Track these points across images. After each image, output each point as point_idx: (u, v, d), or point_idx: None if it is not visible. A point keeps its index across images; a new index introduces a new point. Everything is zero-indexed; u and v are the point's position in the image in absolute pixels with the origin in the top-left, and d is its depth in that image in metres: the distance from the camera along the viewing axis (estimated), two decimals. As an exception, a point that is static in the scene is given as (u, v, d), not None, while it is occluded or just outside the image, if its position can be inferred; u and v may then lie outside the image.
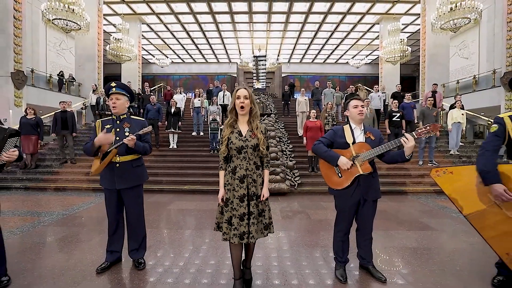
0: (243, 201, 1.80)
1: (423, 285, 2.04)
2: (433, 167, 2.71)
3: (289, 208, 4.33)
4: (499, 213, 1.90)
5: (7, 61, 8.97)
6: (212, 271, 2.23)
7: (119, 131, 2.15)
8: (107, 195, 2.20)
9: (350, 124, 2.15)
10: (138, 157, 2.23)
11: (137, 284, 2.04)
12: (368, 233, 2.13)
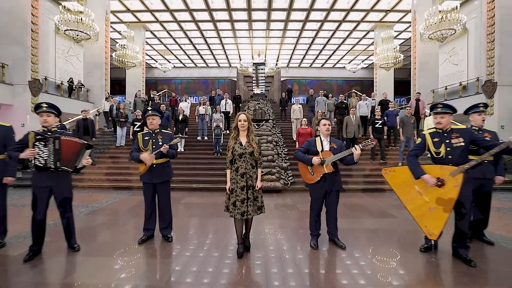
0: (243, 190, 2.69)
1: (373, 251, 2.93)
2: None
3: (282, 203, 5.22)
4: (421, 198, 2.79)
5: (25, 70, 9.89)
6: (220, 242, 3.12)
7: (154, 141, 3.05)
8: (145, 187, 3.10)
9: (320, 137, 3.05)
10: (167, 160, 3.13)
11: (168, 251, 2.93)
12: (334, 214, 3.03)
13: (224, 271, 2.45)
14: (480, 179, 3.07)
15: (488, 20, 9.99)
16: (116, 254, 2.83)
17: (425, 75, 13.56)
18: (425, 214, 2.75)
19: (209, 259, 2.72)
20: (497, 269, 2.60)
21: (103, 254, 2.85)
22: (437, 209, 2.67)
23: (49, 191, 2.71)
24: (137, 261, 2.69)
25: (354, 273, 2.45)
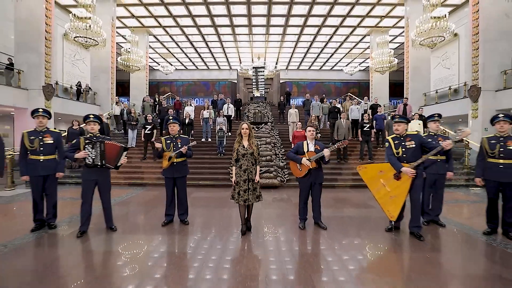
0: (246, 182, 3.51)
1: (349, 231, 3.76)
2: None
3: (279, 197, 6.05)
4: (384, 189, 3.63)
5: (39, 76, 10.72)
6: (226, 226, 3.94)
7: (175, 144, 3.89)
8: (167, 181, 3.94)
9: (307, 140, 3.89)
10: (185, 159, 3.97)
11: (185, 232, 3.75)
12: (317, 202, 3.86)
13: (230, 247, 3.27)
14: (434, 174, 3.92)
15: (473, 29, 10.84)
16: (145, 233, 3.67)
17: (417, 79, 14.41)
18: (388, 201, 3.60)
19: (218, 237, 3.55)
20: (441, 242, 3.44)
21: (135, 233, 3.69)
22: (396, 196, 3.52)
23: (95, 183, 3.55)
24: (161, 238, 3.52)
25: (333, 246, 3.29)
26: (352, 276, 2.57)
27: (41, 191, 3.67)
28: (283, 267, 2.72)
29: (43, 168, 3.62)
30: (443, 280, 2.50)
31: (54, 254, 3.04)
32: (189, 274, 2.57)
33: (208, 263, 2.79)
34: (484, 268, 2.77)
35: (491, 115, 10.41)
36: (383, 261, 2.96)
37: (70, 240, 3.41)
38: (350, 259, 2.92)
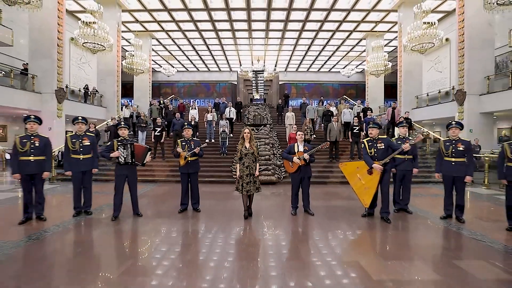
0: (248, 176, 4.42)
1: (332, 217, 4.67)
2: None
3: (276, 192, 6.97)
4: (360, 182, 4.55)
5: (52, 81, 11.61)
6: (231, 213, 4.85)
7: (189, 146, 4.80)
8: (182, 176, 4.84)
9: (298, 143, 4.80)
10: (197, 158, 4.88)
11: (198, 218, 4.65)
12: (306, 193, 4.78)
13: (235, 228, 4.17)
14: (403, 171, 4.84)
15: (459, 37, 11.78)
16: (165, 218, 4.58)
17: (410, 82, 15.35)
18: (363, 192, 4.52)
19: (224, 220, 4.46)
20: (405, 224, 4.35)
21: (157, 218, 4.60)
22: (369, 188, 4.44)
23: (125, 177, 4.46)
24: (179, 222, 4.43)
25: (317, 226, 4.20)
26: (331, 246, 3.48)
27: (80, 184, 4.59)
28: (277, 240, 3.64)
29: (83, 165, 4.53)
30: (399, 249, 3.42)
31: (95, 232, 3.94)
32: (203, 247, 3.48)
33: (217, 239, 3.70)
34: (433, 242, 3.68)
35: (476, 118, 11.38)
36: (357, 238, 3.87)
37: (106, 222, 4.32)
38: (331, 235, 3.84)
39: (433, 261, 3.05)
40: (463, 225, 4.22)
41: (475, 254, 3.25)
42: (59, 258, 3.13)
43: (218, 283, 2.48)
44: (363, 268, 2.81)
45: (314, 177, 8.04)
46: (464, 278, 2.63)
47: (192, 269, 2.78)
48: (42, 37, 11.52)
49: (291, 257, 3.14)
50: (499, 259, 3.08)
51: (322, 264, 2.92)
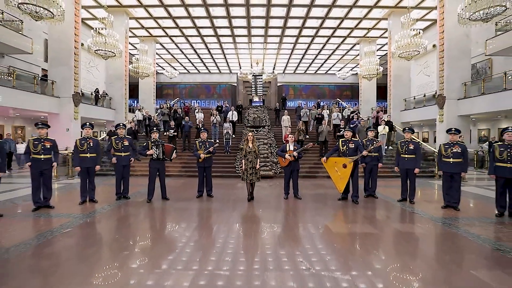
0: (251, 169, 6.00)
1: (316, 200, 6.25)
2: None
3: (273, 184, 8.54)
4: (337, 173, 6.15)
5: (70, 86, 13.11)
6: (236, 199, 6.42)
7: (204, 146, 6.37)
8: (199, 169, 6.42)
9: (289, 143, 6.39)
10: (211, 155, 6.46)
11: (211, 201, 6.22)
12: (296, 182, 6.37)
13: (240, 208, 5.73)
14: (370, 165, 6.43)
15: (440, 46, 13.40)
16: (186, 201, 6.15)
17: (398, 86, 16.98)
18: (338, 180, 6.11)
19: (232, 204, 6.03)
20: (369, 205, 5.93)
21: (181, 201, 6.17)
22: (343, 178, 6.03)
23: (157, 170, 6.03)
24: (198, 204, 6.00)
25: (303, 207, 5.78)
26: (311, 218, 5.06)
27: (121, 175, 6.15)
28: (272, 214, 5.22)
29: (124, 160, 6.10)
30: (360, 219, 5.01)
31: (136, 211, 5.48)
32: (218, 218, 5.06)
33: (227, 216, 5.26)
34: (383, 214, 5.26)
35: (454, 120, 13.09)
36: (331, 213, 5.45)
37: (142, 204, 5.89)
38: (313, 212, 5.42)
39: (379, 225, 4.65)
40: (413, 206, 5.82)
41: (410, 220, 4.85)
42: (119, 223, 4.70)
43: (231, 238, 4.06)
44: (330, 228, 4.41)
45: (305, 172, 9.69)
46: (391, 231, 4.24)
47: (211, 231, 4.36)
48: (61, 47, 13.03)
49: (281, 225, 4.73)
50: (424, 223, 4.67)
51: (303, 228, 4.52)
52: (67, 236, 3.96)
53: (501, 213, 4.97)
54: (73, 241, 3.81)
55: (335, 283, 2.62)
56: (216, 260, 3.14)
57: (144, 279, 2.72)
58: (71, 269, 2.93)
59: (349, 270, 2.92)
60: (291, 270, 2.91)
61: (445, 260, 3.24)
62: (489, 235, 4.02)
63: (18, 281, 2.67)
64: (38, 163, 5.25)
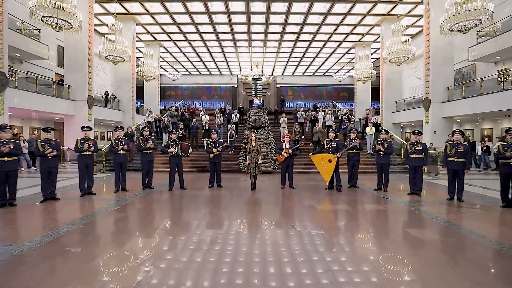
0: (254, 164, 7.53)
1: (307, 190, 7.79)
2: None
3: (272, 178, 10.08)
4: (324, 167, 7.71)
5: (84, 90, 14.63)
6: (242, 188, 7.95)
7: (215, 145, 7.91)
8: (211, 164, 7.96)
9: (285, 142, 7.94)
10: (220, 153, 8.00)
11: (220, 191, 7.75)
12: (290, 175, 7.92)
13: (245, 195, 7.26)
14: (353, 161, 7.98)
15: (426, 54, 14.96)
16: (201, 191, 7.68)
17: (390, 89, 18.55)
18: (325, 173, 7.67)
19: (239, 192, 7.57)
20: (350, 192, 7.46)
21: (196, 190, 7.70)
22: (328, 171, 7.58)
23: (176, 164, 7.56)
24: (210, 192, 7.53)
25: (296, 194, 7.31)
26: (303, 201, 6.59)
27: (147, 169, 7.67)
28: (271, 198, 6.76)
29: (149, 157, 7.63)
30: (339, 201, 6.56)
31: (161, 197, 7.00)
32: (229, 202, 6.60)
33: (235, 199, 6.80)
34: (357, 198, 6.80)
35: (438, 121, 14.85)
36: (318, 198, 6.99)
37: (165, 192, 7.41)
38: (303, 197, 6.96)
39: (352, 204, 6.20)
40: (386, 193, 7.35)
41: (378, 202, 6.40)
42: (153, 205, 6.24)
43: (240, 213, 5.61)
44: (315, 207, 5.95)
45: (300, 168, 11.24)
46: (361, 209, 5.80)
47: (225, 209, 5.91)
48: (76, 54, 14.55)
49: (278, 205, 6.28)
50: (388, 204, 6.22)
51: (295, 207, 6.06)
52: (118, 211, 5.50)
53: (451, 197, 6.50)
54: (121, 216, 5.34)
55: (310, 236, 4.16)
56: (230, 225, 4.69)
57: (182, 235, 4.28)
58: (131, 231, 4.48)
59: (322, 229, 4.47)
60: (283, 229, 4.45)
61: (393, 223, 4.79)
62: (433, 211, 5.56)
63: (94, 238, 4.22)
64: (85, 158, 6.78)
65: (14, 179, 5.72)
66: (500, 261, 3.36)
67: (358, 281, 2.76)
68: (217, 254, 3.36)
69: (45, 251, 3.47)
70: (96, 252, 3.47)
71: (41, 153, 6.12)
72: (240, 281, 2.73)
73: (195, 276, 2.83)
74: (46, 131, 6.53)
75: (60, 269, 3.02)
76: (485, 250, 3.65)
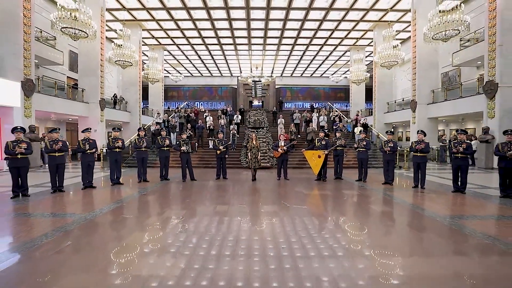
0: (254, 159, 9.22)
1: (298, 180, 9.48)
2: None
3: (270, 173, 11.78)
4: (314, 161, 9.42)
5: (96, 93, 16.30)
6: (244, 180, 9.64)
7: (221, 143, 9.61)
8: (218, 160, 9.65)
9: (281, 140, 9.64)
10: (226, 150, 9.69)
11: (225, 182, 9.45)
12: (285, 168, 9.62)
13: (247, 185, 8.94)
14: (338, 157, 9.68)
15: (413, 59, 16.66)
16: (209, 181, 9.37)
17: (382, 91, 20.26)
18: (314, 166, 9.38)
19: (241, 182, 9.25)
20: (334, 182, 9.15)
21: (204, 181, 9.39)
22: (317, 165, 9.29)
23: (186, 159, 9.26)
24: (217, 182, 9.22)
25: (290, 184, 9.00)
26: (294, 188, 8.28)
27: (164, 164, 9.35)
28: (268, 187, 8.46)
29: (166, 153, 9.32)
30: (324, 188, 8.26)
31: (178, 185, 8.68)
32: (235, 189, 8.29)
33: (239, 187, 8.49)
34: (340, 185, 8.48)
35: (424, 122, 16.79)
36: (307, 186, 8.68)
37: (179, 182, 9.10)
38: (295, 185, 8.65)
39: (334, 190, 7.89)
40: (364, 183, 9.04)
41: (355, 189, 8.09)
42: (173, 190, 7.93)
43: (244, 196, 7.31)
44: (303, 192, 7.65)
45: (295, 163, 12.93)
46: (340, 193, 7.50)
47: (230, 194, 7.61)
48: (89, 60, 16.22)
49: (274, 191, 7.98)
50: (363, 190, 7.91)
51: (287, 192, 7.76)
52: (149, 195, 7.20)
53: (416, 185, 8.18)
54: (151, 198, 7.04)
55: (295, 209, 5.85)
56: (236, 203, 6.39)
57: (203, 207, 5.98)
58: (164, 204, 6.19)
59: (305, 205, 6.16)
60: (276, 205, 6.15)
61: (362, 203, 6.50)
62: (396, 195, 7.25)
63: (136, 210, 5.93)
64: (115, 154, 8.47)
65: (62, 171, 7.38)
66: (436, 226, 5.07)
67: (327, 236, 4.46)
68: (228, 219, 5.05)
69: (106, 218, 5.16)
70: (142, 218, 5.17)
71: (81, 150, 7.79)
72: (246, 228, 4.43)
73: (217, 225, 4.52)
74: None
75: (121, 228, 4.72)
76: (423, 218, 5.36)
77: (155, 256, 3.33)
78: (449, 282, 2.77)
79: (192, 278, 2.75)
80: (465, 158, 7.32)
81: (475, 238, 3.99)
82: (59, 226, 4.39)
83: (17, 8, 11.77)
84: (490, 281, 2.86)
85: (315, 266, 3.03)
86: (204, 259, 3.18)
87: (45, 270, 2.92)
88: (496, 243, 3.76)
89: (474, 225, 4.54)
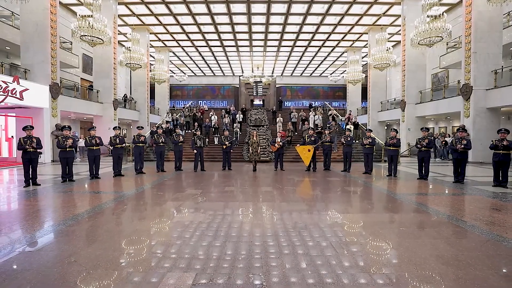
0: (255, 153, 11.28)
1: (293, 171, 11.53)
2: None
3: (268, 165, 13.82)
4: (305, 155, 11.49)
5: (110, 94, 18.38)
6: (246, 171, 11.69)
7: (227, 139, 11.67)
8: (224, 153, 11.72)
9: (278, 137, 11.69)
10: (231, 145, 11.76)
11: (231, 171, 11.51)
12: (281, 161, 11.69)
13: (248, 174, 10.99)
14: (326, 150, 11.73)
15: (402, 61, 18.63)
16: (217, 172, 11.44)
17: (376, 91, 22.23)
18: (305, 159, 11.44)
19: (244, 172, 11.30)
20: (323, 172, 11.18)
21: (213, 171, 11.47)
22: (308, 158, 11.35)
23: (199, 153, 11.34)
24: (224, 172, 11.28)
25: (285, 174, 11.04)
26: (288, 176, 10.34)
27: (178, 157, 11.42)
28: (267, 176, 10.52)
29: (180, 147, 11.40)
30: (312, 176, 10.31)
31: (192, 174, 10.73)
32: (239, 177, 10.36)
33: (242, 176, 10.54)
34: (325, 175, 10.52)
35: (412, 120, 19.02)
36: (298, 174, 10.72)
37: (192, 172, 11.17)
38: (289, 174, 10.69)
39: (320, 178, 9.95)
40: (348, 173, 11.06)
41: (339, 177, 10.12)
42: (189, 177, 10.01)
43: (246, 182, 9.38)
44: (294, 179, 9.72)
45: (291, 158, 15.00)
46: (325, 180, 9.57)
47: (234, 180, 9.69)
48: (103, 63, 18.30)
49: (271, 178, 10.05)
50: (345, 178, 9.95)
51: (281, 179, 9.83)
52: (170, 180, 9.28)
53: (390, 174, 10.21)
54: (172, 183, 9.11)
55: (286, 189, 7.90)
56: (240, 186, 8.46)
57: (214, 188, 8.07)
58: (185, 187, 8.28)
59: (294, 187, 8.22)
60: (272, 187, 8.21)
61: (343, 188, 8.56)
62: (371, 182, 9.29)
63: (164, 190, 8.03)
64: (139, 148, 10.55)
65: (98, 161, 9.46)
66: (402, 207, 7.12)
67: (305, 208, 6.52)
68: (235, 196, 7.10)
69: (146, 193, 7.23)
70: (169, 195, 7.25)
71: (113, 144, 9.87)
72: (250, 203, 6.49)
73: (226, 198, 6.58)
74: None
75: (159, 198, 6.81)
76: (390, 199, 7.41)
77: (189, 211, 5.40)
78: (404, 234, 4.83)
79: (217, 223, 4.83)
80: (427, 151, 9.36)
81: (419, 209, 6.05)
82: (112, 198, 6.48)
83: (45, 20, 13.83)
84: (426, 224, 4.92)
85: (295, 219, 5.09)
86: (221, 215, 5.26)
87: (115, 219, 5.01)
88: (440, 214, 5.82)
89: (427, 202, 6.59)
